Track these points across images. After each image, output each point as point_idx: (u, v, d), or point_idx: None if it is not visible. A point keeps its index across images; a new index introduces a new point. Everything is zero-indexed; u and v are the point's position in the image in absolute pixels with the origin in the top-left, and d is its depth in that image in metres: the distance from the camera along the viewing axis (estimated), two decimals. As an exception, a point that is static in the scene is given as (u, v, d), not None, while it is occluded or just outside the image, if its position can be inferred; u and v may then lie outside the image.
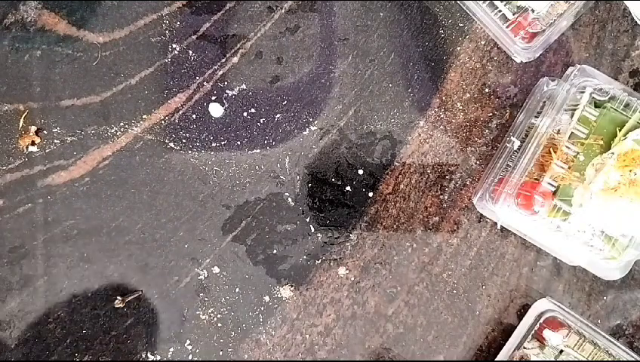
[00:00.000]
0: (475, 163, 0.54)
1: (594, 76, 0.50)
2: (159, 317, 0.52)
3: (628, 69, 0.55)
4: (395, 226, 0.54)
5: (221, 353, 0.53)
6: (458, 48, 0.54)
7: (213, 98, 0.53)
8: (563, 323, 0.52)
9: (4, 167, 0.51)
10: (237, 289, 0.53)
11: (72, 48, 0.51)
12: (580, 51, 0.55)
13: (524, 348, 0.52)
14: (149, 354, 0.52)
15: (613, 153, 0.47)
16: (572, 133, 0.48)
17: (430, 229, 0.54)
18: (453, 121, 0.54)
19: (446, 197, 0.54)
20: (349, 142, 0.54)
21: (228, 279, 0.53)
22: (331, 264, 0.53)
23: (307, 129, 0.53)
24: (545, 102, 0.51)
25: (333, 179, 0.54)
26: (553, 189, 0.48)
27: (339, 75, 0.53)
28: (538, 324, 0.52)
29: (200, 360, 0.52)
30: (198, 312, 0.52)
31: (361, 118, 0.54)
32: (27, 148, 0.51)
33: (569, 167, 0.48)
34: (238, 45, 0.53)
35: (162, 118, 0.52)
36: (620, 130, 0.48)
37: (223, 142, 0.53)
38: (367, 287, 0.54)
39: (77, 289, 0.51)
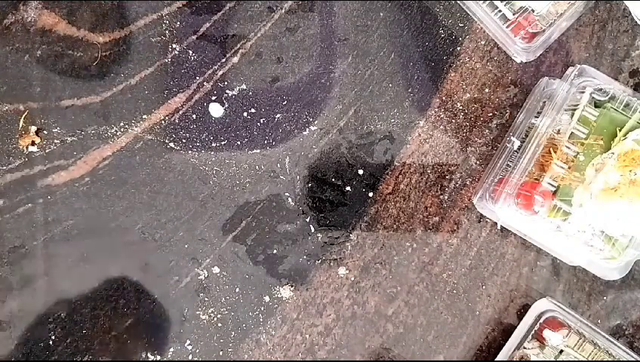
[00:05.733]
0: (475, 163, 0.54)
1: (594, 76, 0.50)
2: (159, 317, 0.52)
3: (628, 69, 0.55)
4: (395, 226, 0.54)
5: (221, 353, 0.53)
6: (458, 48, 0.54)
7: (213, 98, 0.53)
8: (563, 323, 0.52)
9: (4, 167, 0.51)
10: (237, 289, 0.53)
11: (72, 48, 0.51)
12: (579, 51, 0.55)
13: (524, 348, 0.52)
14: (149, 354, 0.52)
15: (613, 153, 0.47)
16: (572, 133, 0.48)
17: (430, 229, 0.54)
18: (453, 121, 0.54)
19: (446, 197, 0.54)
20: (349, 142, 0.54)
21: (228, 279, 0.53)
22: (331, 264, 0.53)
23: (307, 129, 0.53)
24: (545, 102, 0.51)
25: (333, 179, 0.54)
26: (553, 189, 0.48)
27: (339, 75, 0.53)
28: (538, 324, 0.52)
29: (200, 360, 0.52)
30: (198, 312, 0.52)
31: (361, 118, 0.54)
32: (27, 148, 0.51)
33: (569, 167, 0.48)
34: (238, 45, 0.53)
35: (162, 118, 0.52)
36: (620, 130, 0.48)
37: (223, 142, 0.53)
38: (367, 287, 0.54)
39: (77, 290, 0.51)
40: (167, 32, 0.52)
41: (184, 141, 0.52)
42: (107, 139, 0.52)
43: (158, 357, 0.52)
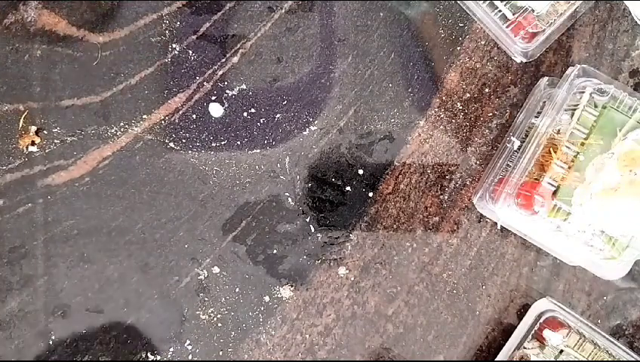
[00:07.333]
0: (475, 163, 0.54)
1: (594, 76, 0.50)
2: (159, 317, 0.52)
3: (628, 69, 0.55)
4: (395, 226, 0.54)
5: (221, 353, 0.53)
6: (458, 48, 0.54)
7: (213, 98, 0.53)
8: (563, 323, 0.52)
9: (4, 167, 0.51)
10: (237, 289, 0.53)
11: (72, 48, 0.51)
12: (579, 51, 0.55)
13: (524, 348, 0.52)
14: (149, 354, 0.52)
15: (613, 153, 0.47)
16: (572, 133, 0.48)
17: (430, 229, 0.54)
18: (453, 121, 0.54)
19: (446, 197, 0.54)
20: (349, 142, 0.54)
21: (228, 279, 0.53)
22: (331, 264, 0.53)
23: (307, 129, 0.53)
24: (545, 102, 0.51)
25: (333, 179, 0.54)
26: (553, 189, 0.48)
27: (339, 75, 0.53)
28: (538, 324, 0.52)
29: (200, 360, 0.52)
30: (198, 312, 0.52)
31: (361, 118, 0.54)
32: (27, 148, 0.51)
33: (569, 167, 0.48)
34: (238, 45, 0.53)
35: (162, 118, 0.52)
36: (620, 130, 0.48)
37: (223, 142, 0.53)
38: (367, 287, 0.54)
39: (77, 289, 0.51)
40: (167, 32, 0.52)
41: (184, 141, 0.52)
42: (107, 139, 0.52)
43: (158, 357, 0.52)
